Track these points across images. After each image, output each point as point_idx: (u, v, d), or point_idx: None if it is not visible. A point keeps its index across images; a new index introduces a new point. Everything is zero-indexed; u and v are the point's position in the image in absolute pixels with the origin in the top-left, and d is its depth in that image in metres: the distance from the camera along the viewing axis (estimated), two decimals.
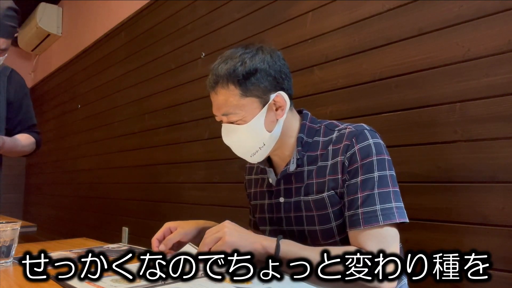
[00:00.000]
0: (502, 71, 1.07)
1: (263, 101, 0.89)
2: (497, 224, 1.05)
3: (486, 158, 1.08)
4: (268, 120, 0.90)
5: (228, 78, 0.87)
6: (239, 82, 0.87)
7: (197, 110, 2.22)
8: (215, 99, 0.91)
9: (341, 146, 0.89)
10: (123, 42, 3.01)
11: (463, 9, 1.15)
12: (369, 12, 1.39)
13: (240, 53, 0.90)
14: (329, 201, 0.89)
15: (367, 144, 0.87)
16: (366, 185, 0.84)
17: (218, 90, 0.89)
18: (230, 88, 0.88)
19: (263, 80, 0.88)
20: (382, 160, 0.86)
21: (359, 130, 0.89)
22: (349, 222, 0.86)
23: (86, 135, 3.51)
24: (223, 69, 0.88)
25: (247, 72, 0.87)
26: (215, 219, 1.43)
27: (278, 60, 0.92)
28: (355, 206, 0.85)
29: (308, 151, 0.94)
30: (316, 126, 0.97)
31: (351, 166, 0.86)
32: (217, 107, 0.91)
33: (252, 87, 0.87)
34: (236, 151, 0.97)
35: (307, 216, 0.93)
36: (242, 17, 1.95)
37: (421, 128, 1.22)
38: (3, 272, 0.84)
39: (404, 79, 1.28)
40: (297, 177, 0.95)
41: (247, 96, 0.88)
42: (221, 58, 0.91)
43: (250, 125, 0.89)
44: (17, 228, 0.91)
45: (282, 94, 0.91)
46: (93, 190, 3.35)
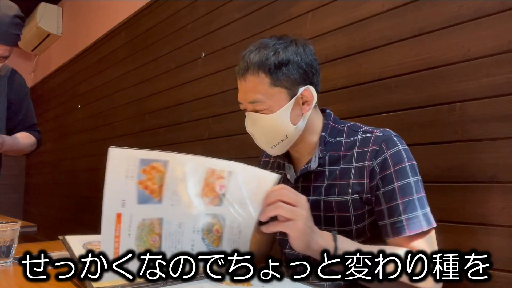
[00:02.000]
0: (502, 71, 1.07)
1: (291, 93, 0.89)
2: (497, 224, 1.05)
3: (486, 158, 1.08)
4: (294, 113, 0.90)
5: (260, 66, 0.87)
6: (270, 71, 0.86)
7: (197, 110, 2.22)
8: (244, 86, 0.90)
9: (368, 150, 0.88)
10: (123, 42, 3.01)
11: (463, 9, 1.15)
12: (369, 12, 1.39)
13: (274, 43, 0.89)
14: (352, 204, 0.88)
15: (398, 150, 0.86)
16: (405, 191, 0.84)
17: (248, 77, 0.88)
18: (260, 76, 0.87)
19: (293, 72, 0.88)
20: (413, 165, 0.87)
21: (387, 135, 0.89)
22: (392, 230, 0.84)
23: (86, 135, 3.51)
24: (255, 57, 0.88)
25: (279, 62, 0.86)
26: None
27: (310, 54, 0.91)
28: (397, 213, 0.83)
29: (330, 150, 0.93)
30: (339, 126, 0.96)
31: (384, 172, 0.85)
32: (244, 94, 0.90)
33: (282, 78, 0.87)
34: (258, 140, 0.95)
35: (325, 217, 0.92)
36: (242, 17, 1.95)
37: (421, 128, 1.22)
38: (3, 272, 0.84)
39: (404, 79, 1.28)
40: (317, 176, 0.93)
41: (276, 86, 0.87)
42: (253, 46, 0.91)
43: (276, 116, 0.88)
44: (17, 228, 0.91)
45: (310, 89, 0.90)
46: (93, 190, 3.34)
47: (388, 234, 0.85)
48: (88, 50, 3.58)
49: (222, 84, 2.04)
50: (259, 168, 0.81)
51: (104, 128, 3.21)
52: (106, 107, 3.21)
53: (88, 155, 3.46)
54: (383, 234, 0.86)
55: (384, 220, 0.85)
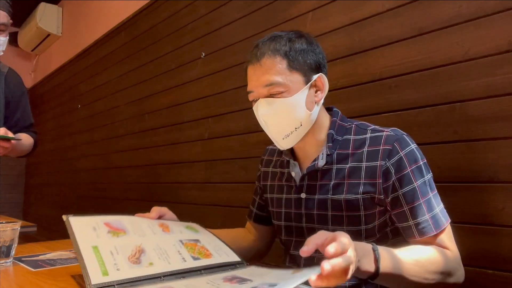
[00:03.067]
0: (502, 71, 1.07)
1: (306, 79, 0.89)
2: (497, 224, 1.05)
3: (486, 158, 1.08)
4: (309, 99, 0.89)
5: (276, 51, 0.87)
6: (287, 55, 0.87)
7: (197, 110, 2.22)
8: (259, 70, 0.88)
9: (380, 149, 0.87)
10: (123, 42, 3.01)
11: (463, 9, 1.15)
12: (369, 12, 1.39)
13: (286, 34, 0.91)
14: (363, 203, 0.87)
15: (411, 149, 0.86)
16: (424, 190, 0.84)
17: (264, 61, 0.87)
18: (278, 59, 0.87)
19: (309, 58, 0.89)
20: (426, 164, 0.88)
21: (399, 135, 0.88)
22: (417, 231, 0.84)
23: (86, 135, 3.50)
24: (271, 44, 0.88)
25: (295, 49, 0.88)
26: (215, 219, 1.44)
27: (319, 47, 0.93)
28: (421, 213, 0.83)
29: (338, 148, 0.92)
30: (347, 124, 0.95)
31: (400, 172, 0.84)
32: (259, 78, 0.88)
33: (299, 60, 0.88)
34: (271, 129, 0.91)
35: (333, 216, 0.90)
36: (242, 17, 1.94)
37: (421, 128, 1.22)
38: (3, 272, 0.84)
39: (404, 79, 1.28)
40: (324, 174, 0.92)
41: (293, 68, 0.87)
42: (267, 37, 0.91)
43: (293, 99, 0.87)
44: (17, 228, 0.91)
45: (323, 77, 0.91)
46: (93, 190, 3.34)
47: (413, 235, 0.84)
48: (88, 50, 3.58)
49: (222, 84, 2.04)
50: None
51: (104, 128, 3.21)
52: (106, 107, 3.21)
53: (88, 155, 3.46)
54: (408, 235, 0.86)
55: (408, 221, 0.84)
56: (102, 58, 3.33)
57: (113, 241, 0.77)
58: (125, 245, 0.76)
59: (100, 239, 0.76)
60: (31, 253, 1.02)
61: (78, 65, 3.78)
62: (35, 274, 0.84)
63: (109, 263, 0.70)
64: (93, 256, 0.71)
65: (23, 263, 0.92)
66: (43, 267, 0.90)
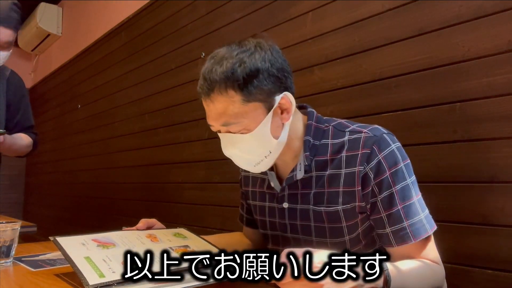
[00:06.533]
0: (502, 71, 1.06)
1: (268, 105, 0.79)
2: (497, 224, 1.05)
3: (486, 158, 1.08)
4: (274, 125, 0.81)
5: (226, 82, 0.76)
6: (240, 87, 0.76)
7: (197, 110, 2.21)
8: (211, 108, 0.79)
9: (358, 154, 0.80)
10: (123, 42, 3.01)
11: (463, 9, 1.15)
12: (369, 12, 1.39)
13: (236, 52, 0.78)
14: (343, 214, 0.82)
15: (391, 151, 0.79)
16: (404, 194, 0.78)
17: (215, 98, 0.77)
18: (230, 94, 0.76)
19: (266, 82, 0.77)
20: (408, 164, 0.81)
21: (378, 135, 0.81)
22: (395, 238, 0.78)
23: (86, 135, 3.50)
24: (218, 72, 0.77)
25: (248, 74, 0.76)
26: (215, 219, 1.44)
27: (278, 57, 0.81)
28: (399, 220, 0.77)
29: (316, 155, 0.85)
30: (323, 126, 0.88)
31: (379, 177, 0.78)
32: (214, 117, 0.80)
33: (255, 91, 0.77)
34: (238, 162, 0.86)
35: (316, 227, 0.86)
36: (242, 17, 1.94)
37: (421, 128, 1.22)
38: (3, 272, 0.84)
39: (404, 79, 1.28)
40: (304, 183, 0.87)
41: (250, 101, 0.77)
42: (213, 60, 0.80)
43: (255, 134, 0.79)
44: (17, 228, 0.91)
45: (288, 95, 0.81)
46: (93, 190, 3.34)
47: (391, 243, 0.79)
48: (88, 50, 3.57)
49: None
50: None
51: (104, 128, 3.21)
52: (106, 107, 3.20)
53: (88, 155, 3.46)
54: (385, 243, 0.81)
55: (385, 228, 0.79)
56: (102, 58, 3.33)
57: (104, 252, 0.79)
58: (116, 255, 0.77)
59: (90, 251, 0.78)
60: (31, 253, 1.02)
61: (78, 65, 3.78)
62: (35, 274, 0.84)
63: (103, 268, 0.72)
64: (86, 264, 0.73)
65: (23, 263, 0.92)
66: (43, 267, 0.90)
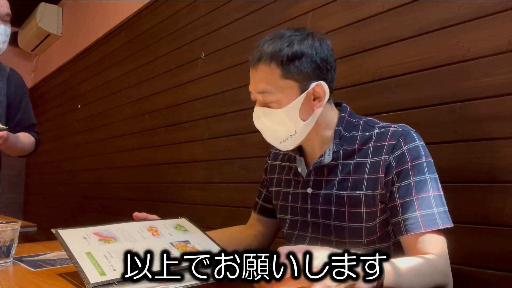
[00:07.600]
0: (502, 71, 1.06)
1: (302, 87, 0.87)
2: (497, 224, 1.05)
3: (486, 158, 1.08)
4: (304, 108, 0.87)
5: (272, 56, 0.85)
6: (282, 63, 0.85)
7: (197, 110, 2.22)
8: (254, 75, 0.89)
9: (385, 144, 0.86)
10: (123, 42, 3.01)
11: (463, 9, 1.15)
12: (369, 12, 1.39)
13: (290, 35, 0.87)
14: (364, 200, 0.87)
15: (416, 146, 0.85)
16: (421, 187, 0.82)
17: (259, 67, 0.87)
18: (272, 67, 0.85)
19: (306, 66, 0.86)
20: (431, 162, 0.85)
21: (405, 130, 0.87)
22: (405, 226, 0.81)
23: (86, 135, 3.50)
24: (269, 47, 0.86)
25: (292, 54, 0.85)
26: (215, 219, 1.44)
27: (326, 49, 0.89)
28: (412, 209, 0.81)
29: (345, 145, 0.92)
30: (355, 120, 0.95)
31: (401, 166, 0.84)
32: (255, 83, 0.89)
33: (294, 70, 0.85)
34: (267, 136, 0.94)
35: (336, 211, 0.91)
36: (242, 17, 1.94)
37: (421, 128, 1.22)
38: (3, 272, 0.84)
39: (404, 79, 1.28)
40: (330, 170, 0.92)
41: (287, 78, 0.85)
42: (269, 36, 0.89)
43: (285, 111, 0.87)
44: (17, 228, 0.91)
45: (322, 84, 0.88)
46: (93, 190, 3.34)
47: (401, 231, 0.82)
48: (88, 50, 3.58)
49: (222, 84, 2.04)
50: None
51: (104, 128, 3.21)
52: (106, 107, 3.21)
53: (88, 155, 3.46)
54: (397, 232, 0.84)
55: (397, 216, 0.83)
56: (102, 58, 3.33)
57: (105, 247, 0.79)
58: (117, 250, 0.77)
59: (92, 246, 0.78)
60: (31, 253, 1.02)
61: (78, 65, 3.78)
62: (35, 274, 0.85)
63: (104, 265, 0.72)
64: (88, 260, 0.73)
65: (23, 263, 0.92)
66: (43, 267, 0.90)
